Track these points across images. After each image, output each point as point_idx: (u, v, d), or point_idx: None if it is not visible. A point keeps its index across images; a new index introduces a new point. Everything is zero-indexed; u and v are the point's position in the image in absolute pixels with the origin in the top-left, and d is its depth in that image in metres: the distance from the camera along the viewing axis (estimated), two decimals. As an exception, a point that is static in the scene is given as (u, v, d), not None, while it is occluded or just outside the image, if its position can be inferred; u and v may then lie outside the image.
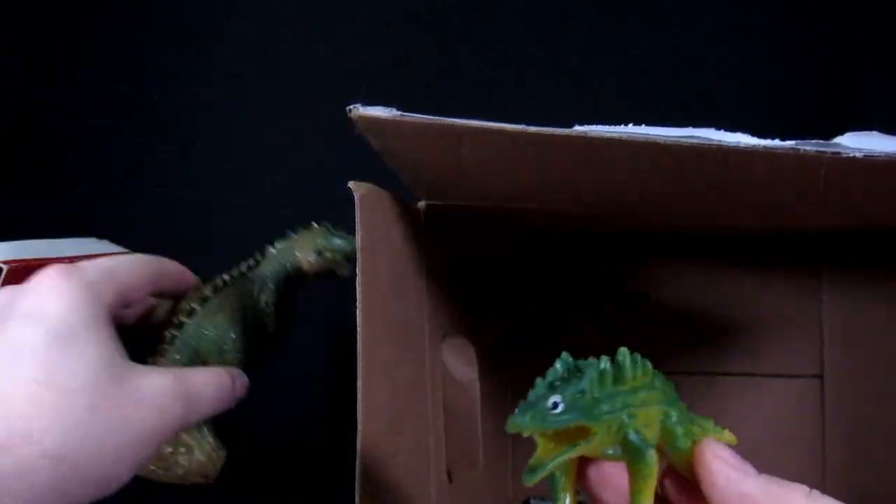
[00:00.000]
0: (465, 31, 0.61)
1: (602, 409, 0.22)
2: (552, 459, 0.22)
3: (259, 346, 0.40)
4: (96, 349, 0.29)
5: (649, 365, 0.24)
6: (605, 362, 0.23)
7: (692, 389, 0.50)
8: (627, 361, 0.23)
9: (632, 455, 0.22)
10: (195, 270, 0.64)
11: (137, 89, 0.64)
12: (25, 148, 0.65)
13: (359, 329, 0.33)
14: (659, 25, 0.59)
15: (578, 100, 0.60)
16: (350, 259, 0.40)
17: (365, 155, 0.33)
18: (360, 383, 0.33)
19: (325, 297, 0.59)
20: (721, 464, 0.22)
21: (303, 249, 0.42)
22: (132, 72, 0.64)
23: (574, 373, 0.23)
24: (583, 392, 0.22)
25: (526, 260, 0.53)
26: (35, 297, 0.29)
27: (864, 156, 0.26)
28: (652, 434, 0.23)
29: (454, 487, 0.44)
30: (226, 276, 0.40)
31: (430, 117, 0.29)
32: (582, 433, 0.22)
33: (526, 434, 0.22)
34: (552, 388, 0.22)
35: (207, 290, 0.38)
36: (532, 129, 0.28)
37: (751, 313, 0.50)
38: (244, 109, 0.63)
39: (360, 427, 0.33)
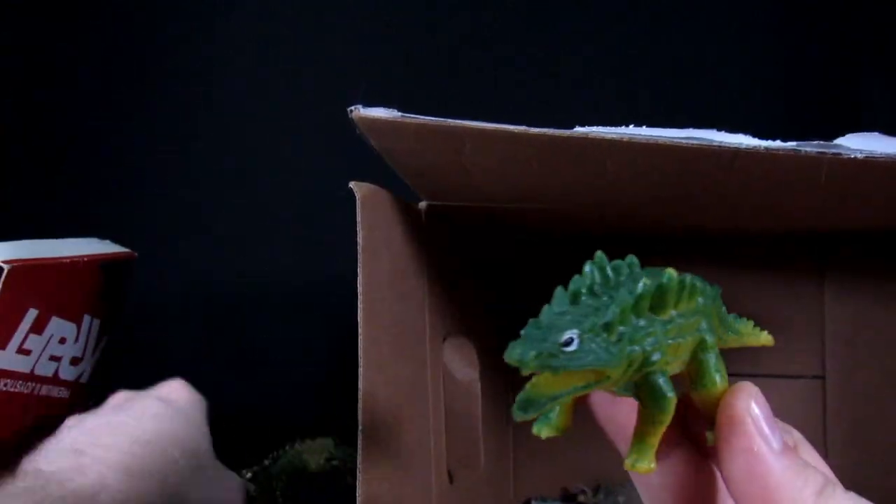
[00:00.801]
0: (466, 32, 0.61)
1: (624, 348, 0.18)
2: (551, 396, 0.18)
3: None
4: (207, 433, 0.41)
5: (698, 285, 0.21)
6: (643, 284, 0.19)
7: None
8: (674, 286, 0.20)
9: (650, 398, 0.20)
10: (195, 270, 0.64)
11: (137, 89, 0.64)
12: (25, 148, 0.65)
13: (359, 329, 0.33)
14: (660, 27, 0.59)
15: (579, 101, 0.60)
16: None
17: (365, 155, 0.33)
18: (360, 383, 0.33)
19: (325, 297, 0.59)
20: (751, 424, 0.20)
21: (312, 454, 0.53)
22: (132, 72, 0.64)
23: (605, 287, 0.19)
24: (607, 326, 0.18)
25: (526, 260, 0.53)
26: (167, 388, 0.42)
27: (865, 157, 0.26)
28: (678, 366, 0.21)
29: (454, 487, 0.44)
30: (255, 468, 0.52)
31: (431, 118, 0.29)
32: (595, 373, 0.19)
33: (525, 372, 0.18)
34: (567, 316, 0.18)
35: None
36: (533, 130, 0.28)
37: (752, 314, 0.49)
38: (244, 110, 0.63)
39: (360, 427, 0.33)
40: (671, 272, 0.20)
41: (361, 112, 0.29)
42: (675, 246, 0.50)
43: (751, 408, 0.20)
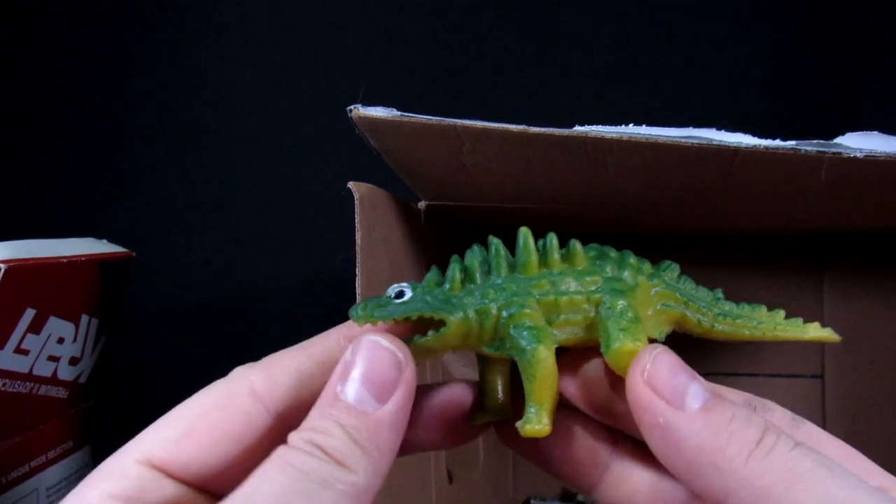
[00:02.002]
0: (465, 32, 0.61)
1: (467, 300, 0.20)
2: (413, 343, 0.19)
3: None
4: None
5: (601, 248, 0.22)
6: (494, 245, 0.21)
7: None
8: (530, 245, 0.21)
9: (515, 352, 0.19)
10: (195, 270, 0.64)
11: (137, 89, 0.64)
12: (25, 148, 0.65)
13: (359, 329, 0.33)
14: (660, 27, 0.59)
15: (579, 100, 0.60)
16: None
17: (365, 155, 0.33)
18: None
19: (324, 297, 0.59)
20: (649, 395, 0.18)
21: None
22: (133, 72, 0.64)
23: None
24: (446, 281, 0.20)
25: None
26: None
27: (865, 156, 0.26)
28: (575, 327, 0.20)
29: (454, 487, 0.43)
30: None
31: (431, 118, 0.29)
32: (440, 322, 0.20)
33: (360, 324, 0.19)
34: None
35: None
36: (532, 129, 0.28)
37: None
38: (244, 110, 0.63)
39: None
40: (524, 230, 0.21)
41: (361, 111, 0.29)
42: (674, 245, 0.50)
43: (644, 376, 0.18)
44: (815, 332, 0.24)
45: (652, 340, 0.20)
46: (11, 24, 0.64)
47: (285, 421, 0.19)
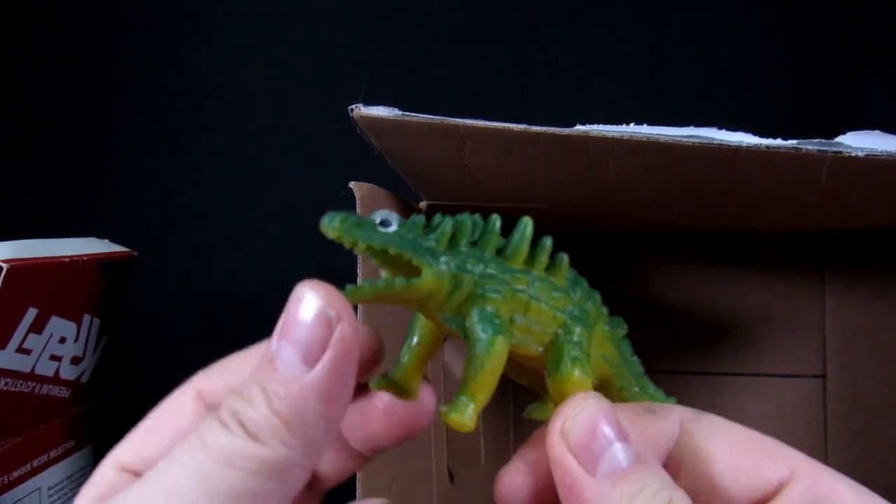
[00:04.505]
0: (466, 31, 0.61)
1: (451, 263, 0.18)
2: (373, 284, 0.17)
3: None
4: None
5: (577, 274, 0.20)
6: (493, 218, 0.19)
7: (692, 389, 0.50)
8: (527, 238, 0.19)
9: (470, 332, 0.18)
10: (195, 270, 0.64)
11: (138, 89, 0.64)
12: (25, 148, 0.65)
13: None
14: (660, 26, 0.59)
15: (580, 99, 0.60)
16: None
17: (365, 155, 0.33)
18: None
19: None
20: (561, 443, 0.17)
21: None
22: (133, 72, 0.64)
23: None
24: (434, 230, 0.18)
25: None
26: None
27: (866, 155, 0.26)
28: (533, 340, 0.19)
29: (455, 487, 0.43)
30: None
31: (432, 117, 0.29)
32: (412, 269, 0.18)
33: (331, 236, 0.17)
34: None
35: None
36: (534, 128, 0.28)
37: (752, 313, 0.49)
38: (244, 109, 0.63)
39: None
40: (528, 219, 0.19)
41: (362, 111, 0.29)
42: (674, 245, 0.50)
43: (562, 428, 0.17)
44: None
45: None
46: (11, 24, 0.64)
47: None
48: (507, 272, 0.19)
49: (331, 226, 0.17)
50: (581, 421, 0.17)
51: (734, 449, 0.18)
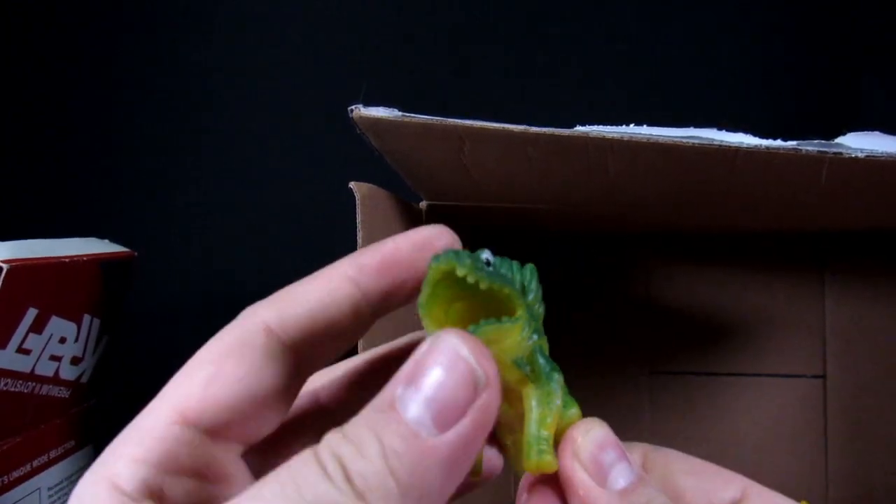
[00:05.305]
0: (466, 32, 0.61)
1: (530, 298, 0.18)
2: (477, 326, 0.16)
3: None
4: None
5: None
6: (530, 268, 0.19)
7: (693, 389, 0.50)
8: (537, 280, 0.19)
9: (535, 378, 0.18)
10: (195, 270, 0.64)
11: (137, 89, 0.64)
12: (25, 148, 0.65)
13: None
14: (660, 26, 0.59)
15: (580, 100, 0.60)
16: None
17: (365, 155, 0.33)
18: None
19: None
20: (573, 461, 0.18)
21: None
22: (132, 72, 0.64)
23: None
24: (511, 273, 0.19)
25: (526, 259, 0.53)
26: None
27: (866, 156, 0.26)
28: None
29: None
30: None
31: (431, 118, 0.29)
32: (508, 310, 0.17)
33: (460, 274, 0.16)
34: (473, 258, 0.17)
35: None
36: (533, 129, 0.28)
37: (753, 313, 0.49)
38: (244, 110, 0.63)
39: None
40: (531, 267, 0.19)
41: (362, 111, 0.29)
42: (674, 245, 0.50)
43: (573, 448, 0.18)
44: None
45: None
46: (11, 24, 0.64)
47: (302, 353, 0.18)
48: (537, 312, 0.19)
49: (460, 262, 0.16)
50: (592, 439, 0.18)
51: (693, 472, 0.19)
